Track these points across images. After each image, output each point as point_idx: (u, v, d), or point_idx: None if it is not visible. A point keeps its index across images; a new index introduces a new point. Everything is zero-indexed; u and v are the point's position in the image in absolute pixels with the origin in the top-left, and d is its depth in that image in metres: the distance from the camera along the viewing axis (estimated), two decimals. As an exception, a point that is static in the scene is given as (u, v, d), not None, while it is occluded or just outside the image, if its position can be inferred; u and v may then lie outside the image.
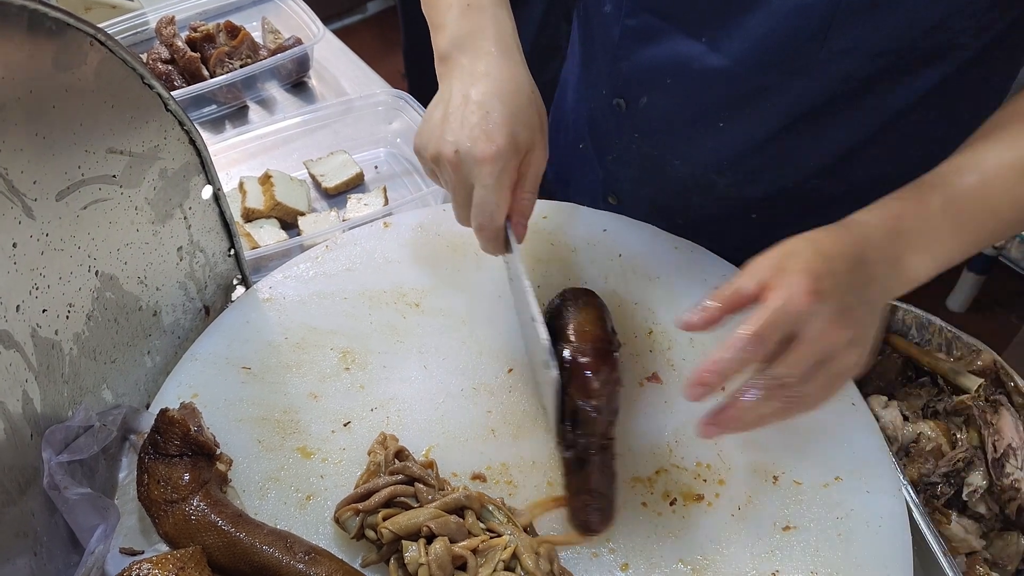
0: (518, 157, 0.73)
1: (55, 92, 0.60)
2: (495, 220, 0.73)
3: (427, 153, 0.76)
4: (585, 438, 0.70)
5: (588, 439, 0.70)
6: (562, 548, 0.70)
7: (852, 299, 0.65)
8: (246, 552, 0.65)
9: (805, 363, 0.62)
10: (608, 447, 0.71)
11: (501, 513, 0.68)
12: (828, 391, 0.65)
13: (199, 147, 0.77)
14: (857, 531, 0.72)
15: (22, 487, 0.62)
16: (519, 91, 0.75)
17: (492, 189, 0.72)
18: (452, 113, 0.74)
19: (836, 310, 0.63)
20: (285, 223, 1.16)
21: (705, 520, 0.72)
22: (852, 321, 0.64)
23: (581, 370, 0.71)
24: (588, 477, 0.69)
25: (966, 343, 0.89)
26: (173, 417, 0.69)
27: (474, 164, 0.72)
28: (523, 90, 0.76)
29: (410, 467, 0.70)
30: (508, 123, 0.72)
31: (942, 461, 0.81)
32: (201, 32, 1.37)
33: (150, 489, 0.68)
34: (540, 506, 0.72)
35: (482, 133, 0.72)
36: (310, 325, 0.86)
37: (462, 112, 0.73)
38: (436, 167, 0.77)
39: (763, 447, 0.78)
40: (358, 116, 1.30)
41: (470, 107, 0.73)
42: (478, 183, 0.72)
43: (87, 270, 0.69)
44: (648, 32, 0.87)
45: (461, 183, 0.74)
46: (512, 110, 0.73)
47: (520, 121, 0.73)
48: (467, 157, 0.72)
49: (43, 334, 0.65)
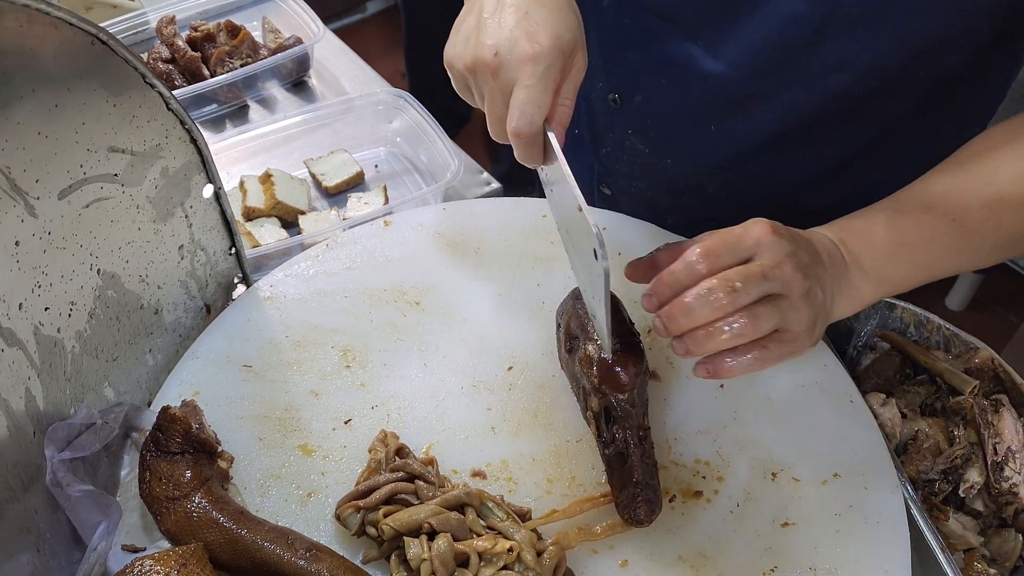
0: (562, 58, 0.68)
1: (57, 91, 0.61)
2: (535, 123, 0.67)
3: (462, 63, 0.70)
4: (623, 432, 0.70)
5: (626, 432, 0.70)
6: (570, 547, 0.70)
7: (807, 258, 0.66)
8: (247, 549, 0.65)
9: (754, 276, 0.62)
10: (645, 437, 0.71)
11: (501, 510, 0.68)
12: (779, 344, 0.64)
13: (200, 146, 0.77)
14: (855, 528, 0.72)
15: (25, 484, 0.63)
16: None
17: (535, 89, 0.66)
18: (487, 19, 0.69)
19: (792, 250, 0.64)
20: (286, 222, 1.17)
21: (704, 517, 0.73)
22: (807, 272, 0.64)
23: (612, 366, 0.70)
24: (632, 471, 0.69)
25: (964, 341, 0.89)
26: (175, 415, 0.70)
27: (516, 65, 0.67)
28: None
29: (411, 464, 0.71)
30: (550, 23, 0.68)
31: (940, 458, 0.82)
32: (202, 32, 1.37)
33: (152, 486, 0.68)
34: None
35: (523, 33, 0.67)
36: (311, 323, 0.87)
37: (498, 16, 0.68)
38: (472, 76, 0.71)
39: (762, 444, 0.78)
40: (358, 115, 1.30)
41: (506, 10, 0.68)
42: (520, 84, 0.67)
43: (89, 268, 0.70)
44: (645, 31, 0.87)
45: (500, 89, 0.69)
46: (552, 10, 0.68)
47: (562, 22, 0.68)
48: (508, 58, 0.67)
49: (45, 332, 0.65)
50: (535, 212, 0.99)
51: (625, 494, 0.69)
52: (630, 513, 0.68)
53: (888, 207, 0.74)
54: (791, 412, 0.80)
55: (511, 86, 0.68)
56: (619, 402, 0.70)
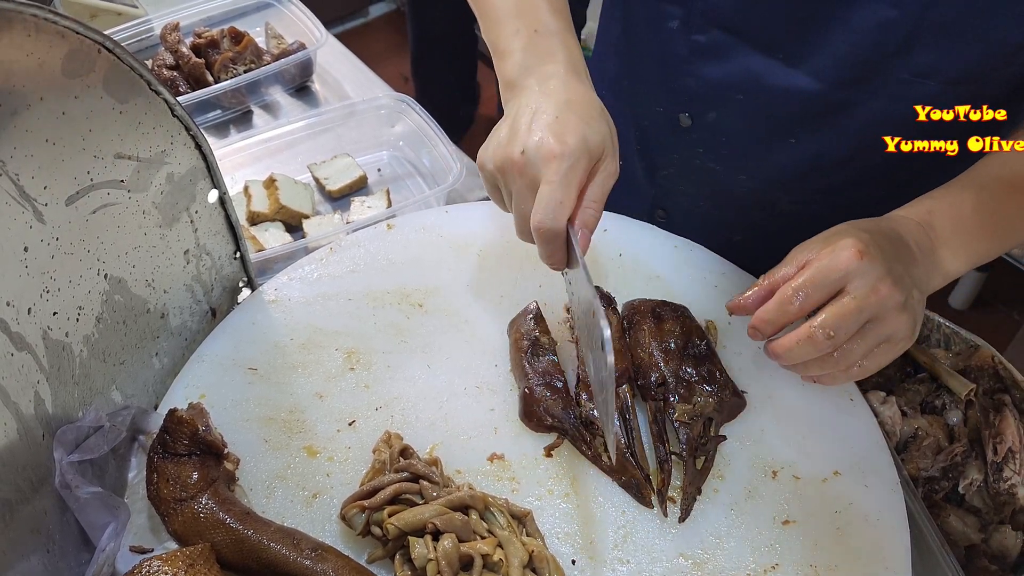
0: (588, 159, 0.69)
1: (64, 99, 0.62)
2: (557, 219, 0.68)
3: (492, 163, 0.72)
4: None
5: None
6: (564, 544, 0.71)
7: (899, 267, 0.68)
8: (254, 549, 0.66)
9: (850, 316, 0.66)
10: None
11: (503, 517, 0.69)
12: (880, 357, 0.69)
13: (205, 152, 0.78)
14: (856, 525, 0.73)
15: (35, 486, 0.63)
16: (590, 104, 0.73)
17: (558, 186, 0.68)
18: (519, 124, 0.71)
19: (884, 271, 0.67)
20: (290, 226, 1.18)
21: (705, 514, 0.73)
22: (901, 285, 0.67)
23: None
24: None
25: (964, 338, 0.90)
26: (181, 417, 0.70)
27: (542, 162, 0.68)
28: (594, 104, 0.73)
29: (415, 465, 0.71)
30: (578, 126, 0.69)
31: (940, 456, 0.82)
32: (205, 38, 1.38)
33: (159, 488, 0.69)
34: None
35: (551, 134, 0.69)
36: (315, 326, 0.88)
37: (529, 121, 0.71)
38: (501, 176, 0.73)
39: (762, 442, 0.79)
40: (361, 119, 1.31)
41: (538, 116, 0.70)
42: (544, 180, 0.68)
43: (96, 273, 0.71)
44: (719, 48, 0.85)
45: (527, 185, 0.70)
46: (582, 118, 0.70)
47: (592, 128, 0.70)
48: (534, 156, 0.69)
49: (54, 336, 0.66)
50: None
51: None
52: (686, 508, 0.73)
53: (971, 183, 0.75)
54: (792, 410, 0.81)
55: (537, 183, 0.69)
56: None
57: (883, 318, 0.67)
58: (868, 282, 0.66)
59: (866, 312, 0.66)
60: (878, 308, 0.66)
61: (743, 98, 0.86)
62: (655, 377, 0.78)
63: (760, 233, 0.97)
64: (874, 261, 0.67)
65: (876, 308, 0.66)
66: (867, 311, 0.66)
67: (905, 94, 0.77)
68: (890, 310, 0.67)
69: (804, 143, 0.86)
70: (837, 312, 0.66)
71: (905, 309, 0.67)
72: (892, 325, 0.67)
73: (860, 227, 0.71)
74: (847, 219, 0.75)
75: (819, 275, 0.68)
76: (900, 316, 0.67)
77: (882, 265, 0.67)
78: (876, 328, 0.67)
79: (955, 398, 0.86)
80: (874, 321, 0.67)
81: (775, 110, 0.85)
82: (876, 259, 0.67)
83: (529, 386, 0.78)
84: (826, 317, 0.66)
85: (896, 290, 0.66)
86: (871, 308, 0.66)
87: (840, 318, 0.66)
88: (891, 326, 0.67)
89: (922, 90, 0.76)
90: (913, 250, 0.71)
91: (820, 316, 0.67)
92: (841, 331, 0.66)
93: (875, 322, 0.67)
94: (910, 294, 0.68)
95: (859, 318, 0.66)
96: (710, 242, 0.96)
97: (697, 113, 0.92)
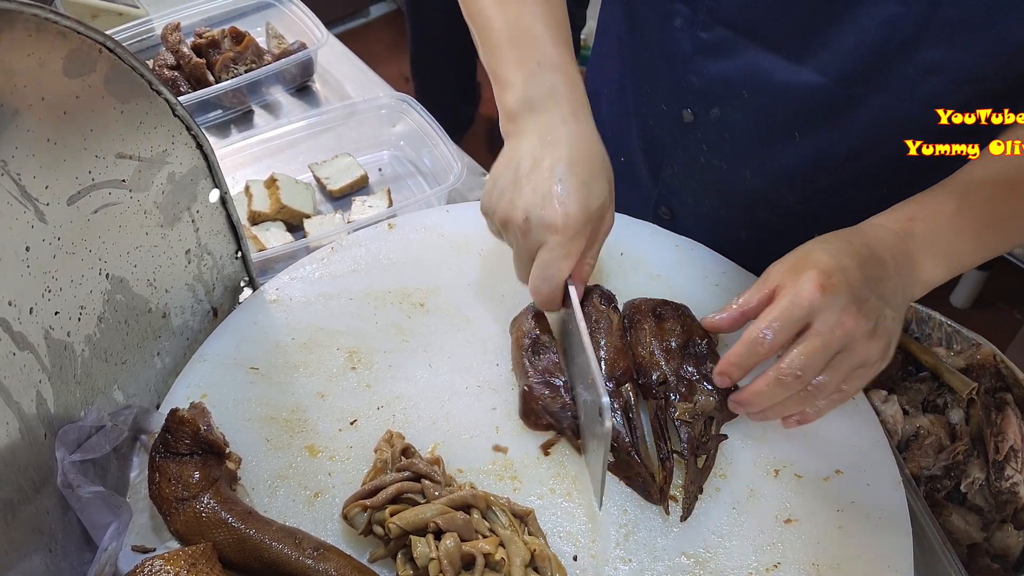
0: (588, 226, 0.73)
1: (65, 99, 0.62)
2: (554, 287, 0.74)
3: (496, 217, 0.76)
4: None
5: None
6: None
7: (865, 292, 0.67)
8: (256, 548, 0.66)
9: (816, 354, 0.65)
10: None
11: (505, 516, 0.69)
12: (854, 382, 0.68)
13: (206, 151, 0.78)
14: (858, 524, 0.73)
15: (37, 485, 0.63)
16: (592, 158, 0.74)
17: (558, 256, 0.72)
18: (522, 179, 0.73)
19: (848, 301, 0.66)
20: (291, 225, 1.18)
21: (707, 513, 0.73)
22: (867, 312, 0.66)
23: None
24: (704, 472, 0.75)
25: (965, 337, 0.90)
26: (183, 417, 0.71)
27: (544, 231, 0.71)
28: (595, 156, 0.75)
29: (416, 464, 0.71)
30: (580, 192, 0.71)
31: (942, 455, 0.82)
32: (206, 38, 1.39)
33: (161, 487, 0.69)
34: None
35: (554, 201, 0.71)
36: (316, 325, 0.88)
37: (533, 179, 0.72)
38: (503, 230, 0.76)
39: (764, 441, 0.79)
40: (362, 119, 1.31)
41: (542, 174, 0.72)
42: (545, 248, 0.72)
43: (98, 273, 0.71)
44: (724, 45, 0.85)
45: (527, 248, 0.74)
46: (584, 179, 0.72)
47: (592, 191, 0.72)
48: (537, 224, 0.71)
49: (56, 336, 0.66)
50: (538, 213, 0.99)
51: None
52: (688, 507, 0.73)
53: (954, 187, 0.74)
54: (793, 409, 0.81)
55: (537, 247, 0.73)
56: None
57: (851, 348, 0.66)
58: (832, 316, 0.65)
59: (833, 347, 0.65)
60: (845, 340, 0.65)
61: (747, 95, 0.86)
62: (656, 376, 0.78)
63: (765, 231, 0.97)
64: (837, 293, 0.66)
65: (843, 340, 0.65)
66: (834, 345, 0.65)
67: (911, 92, 0.77)
68: (858, 340, 0.66)
69: (808, 140, 0.86)
70: (803, 352, 0.65)
71: (874, 335, 0.67)
72: (862, 353, 0.67)
73: (828, 250, 0.69)
74: (852, 217, 0.75)
75: (782, 313, 0.67)
76: (869, 343, 0.66)
77: (846, 295, 0.66)
78: (846, 359, 0.66)
79: (957, 397, 0.86)
80: (844, 352, 0.66)
81: (779, 107, 0.85)
82: (839, 290, 0.66)
83: (528, 384, 0.78)
84: (792, 358, 0.66)
85: (861, 319, 0.65)
86: (837, 342, 0.65)
87: (807, 357, 0.65)
88: (861, 354, 0.67)
89: (929, 88, 0.76)
90: (887, 264, 0.70)
91: (786, 358, 0.66)
92: (809, 370, 0.66)
93: (844, 352, 0.66)
94: (881, 316, 0.67)
95: (826, 354, 0.65)
96: (714, 240, 0.96)
97: (701, 110, 0.92)
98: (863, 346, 0.66)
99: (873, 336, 0.66)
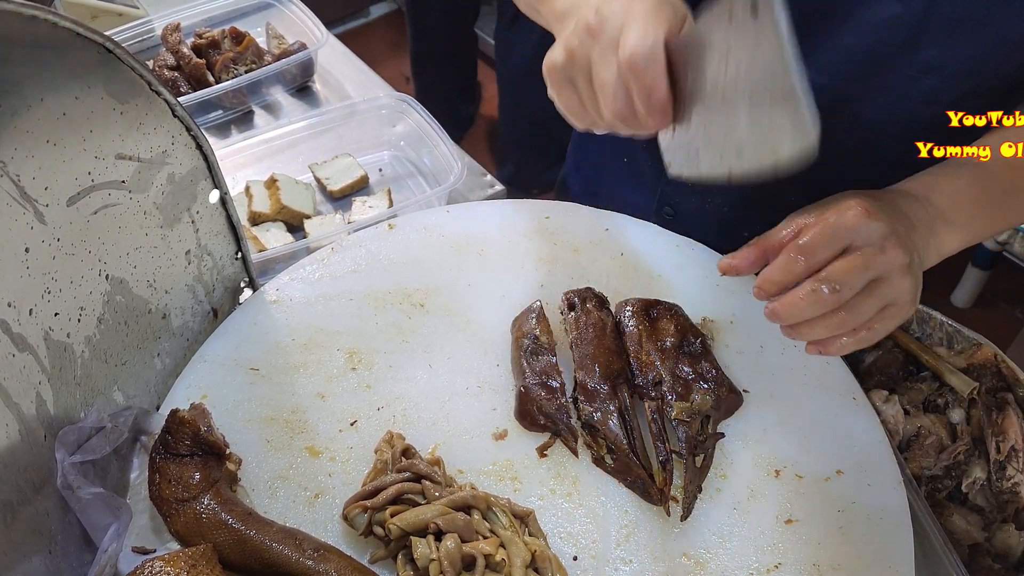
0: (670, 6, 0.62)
1: (65, 100, 0.62)
2: (653, 59, 0.59)
3: (562, 52, 0.66)
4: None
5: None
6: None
7: (902, 229, 0.68)
8: (256, 549, 0.66)
9: (855, 271, 0.65)
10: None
11: (505, 517, 0.69)
12: (886, 321, 0.68)
13: (206, 152, 0.78)
14: (859, 524, 0.73)
15: (37, 487, 0.63)
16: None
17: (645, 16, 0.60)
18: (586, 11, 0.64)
19: (889, 230, 0.67)
20: (291, 226, 1.18)
21: (707, 514, 0.73)
22: (906, 246, 0.67)
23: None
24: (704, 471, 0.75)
25: (966, 337, 0.90)
26: (183, 418, 0.70)
27: (620, 10, 0.61)
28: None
29: (417, 464, 0.71)
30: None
31: (943, 455, 0.82)
32: (206, 38, 1.38)
33: (161, 488, 0.69)
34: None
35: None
36: (317, 326, 0.88)
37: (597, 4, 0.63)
38: (572, 61, 0.65)
39: (765, 441, 0.78)
40: (362, 119, 1.31)
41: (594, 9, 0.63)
42: (627, 26, 0.60)
43: (98, 274, 0.71)
44: None
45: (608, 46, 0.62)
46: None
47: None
48: (611, 12, 0.62)
49: (55, 337, 0.66)
50: (538, 214, 0.99)
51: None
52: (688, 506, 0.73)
53: (969, 161, 0.75)
54: (794, 409, 0.81)
55: (618, 39, 0.61)
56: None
57: (888, 278, 0.66)
58: (875, 239, 0.66)
59: (872, 269, 0.65)
60: (884, 267, 0.66)
61: None
62: (652, 376, 0.78)
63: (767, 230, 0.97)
64: (880, 221, 0.67)
65: (882, 267, 0.65)
66: (873, 268, 0.65)
67: (910, 90, 0.77)
68: (895, 270, 0.66)
69: None
70: (843, 266, 0.65)
71: (909, 271, 0.67)
72: (897, 287, 0.67)
73: (863, 193, 0.71)
74: None
75: (826, 232, 0.66)
76: (904, 278, 0.67)
77: (887, 225, 0.67)
78: (881, 288, 0.66)
79: (958, 396, 0.86)
80: (879, 281, 0.66)
81: None
82: (882, 219, 0.67)
83: (525, 385, 0.78)
84: (831, 270, 0.65)
85: (901, 251, 0.66)
86: (877, 266, 0.65)
87: (846, 272, 0.65)
88: (896, 287, 0.67)
89: (926, 85, 0.77)
90: (913, 220, 0.72)
91: (825, 270, 0.65)
92: (847, 286, 0.65)
93: (880, 282, 0.66)
94: (913, 257, 0.68)
95: (865, 275, 0.65)
96: (717, 240, 0.96)
97: None
98: (899, 280, 0.67)
99: (908, 272, 0.67)
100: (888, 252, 0.66)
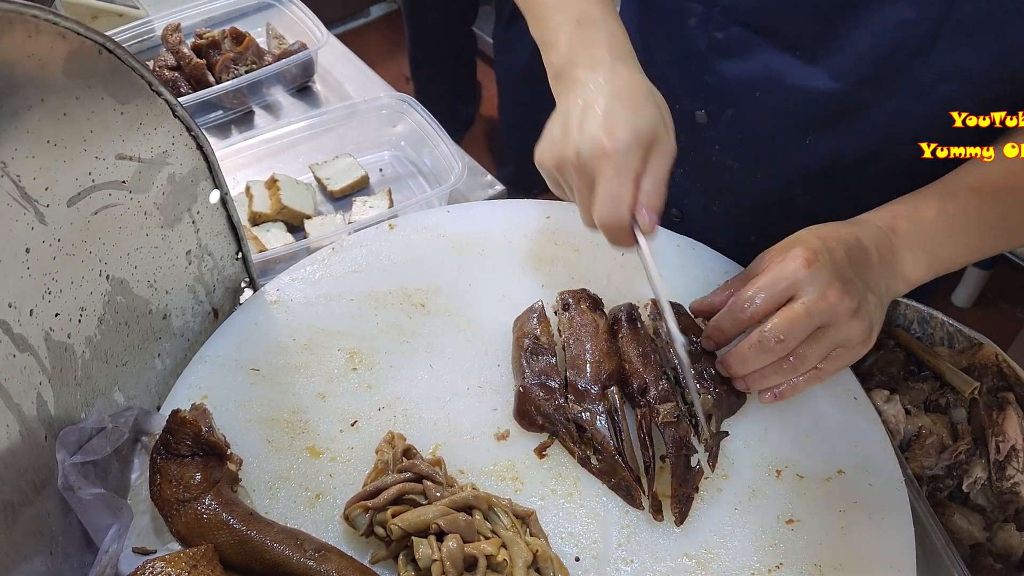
0: (641, 149, 0.71)
1: (65, 100, 0.62)
2: (618, 212, 0.71)
3: (550, 163, 0.75)
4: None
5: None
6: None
7: (849, 273, 0.70)
8: (257, 550, 0.66)
9: (798, 320, 0.68)
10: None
11: (507, 518, 0.69)
12: (835, 362, 0.71)
13: (206, 152, 0.78)
14: (860, 524, 0.73)
15: (37, 487, 0.63)
16: (635, 88, 0.74)
17: (613, 181, 0.70)
18: (571, 123, 0.73)
19: (832, 277, 0.69)
20: (291, 226, 1.18)
21: (709, 514, 0.73)
22: (851, 291, 0.69)
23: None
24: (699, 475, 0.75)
25: (967, 336, 0.90)
26: (184, 418, 0.70)
27: (595, 160, 0.70)
28: (639, 88, 0.74)
29: (418, 465, 0.71)
30: (627, 118, 0.71)
31: (944, 455, 0.82)
32: (206, 39, 1.38)
33: (162, 489, 0.69)
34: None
35: (601, 131, 0.71)
36: (317, 326, 0.88)
37: (580, 119, 0.73)
38: (559, 175, 0.76)
39: (766, 441, 0.78)
40: (362, 119, 1.31)
41: (588, 112, 0.72)
42: (600, 178, 0.71)
43: (98, 274, 0.71)
44: (738, 45, 0.85)
45: (585, 184, 0.73)
46: (631, 107, 0.72)
47: (640, 115, 0.72)
48: (588, 156, 0.71)
49: (56, 337, 0.66)
50: (539, 214, 0.99)
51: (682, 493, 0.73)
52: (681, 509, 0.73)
53: (939, 190, 0.77)
54: (795, 409, 0.81)
55: (594, 180, 0.72)
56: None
57: (834, 324, 0.69)
58: (817, 289, 0.68)
59: (816, 318, 0.68)
60: (828, 314, 0.68)
61: (761, 95, 0.86)
62: (637, 385, 0.77)
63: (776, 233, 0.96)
64: (822, 269, 0.69)
65: (826, 314, 0.68)
66: (817, 317, 0.68)
67: (926, 95, 0.77)
68: (841, 316, 0.69)
69: (822, 142, 0.86)
70: (785, 317, 0.69)
71: (857, 315, 0.69)
72: (844, 331, 0.69)
73: (816, 234, 0.73)
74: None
75: (768, 284, 0.70)
76: (852, 322, 0.69)
77: (830, 272, 0.69)
78: (828, 334, 0.69)
79: (959, 396, 0.86)
80: (826, 327, 0.69)
81: (793, 108, 0.85)
82: (824, 267, 0.69)
83: (524, 385, 0.78)
84: (776, 322, 0.69)
85: (845, 296, 0.68)
86: (821, 314, 0.68)
87: (789, 322, 0.68)
88: (843, 332, 0.69)
89: (943, 91, 0.76)
90: (871, 255, 0.73)
91: (770, 322, 0.69)
92: (791, 336, 0.68)
93: (827, 328, 0.69)
94: (863, 299, 0.70)
95: (809, 323, 0.68)
96: (725, 242, 0.96)
97: (714, 110, 0.92)
98: (845, 324, 0.69)
99: (855, 316, 0.69)
100: (830, 299, 0.68)
